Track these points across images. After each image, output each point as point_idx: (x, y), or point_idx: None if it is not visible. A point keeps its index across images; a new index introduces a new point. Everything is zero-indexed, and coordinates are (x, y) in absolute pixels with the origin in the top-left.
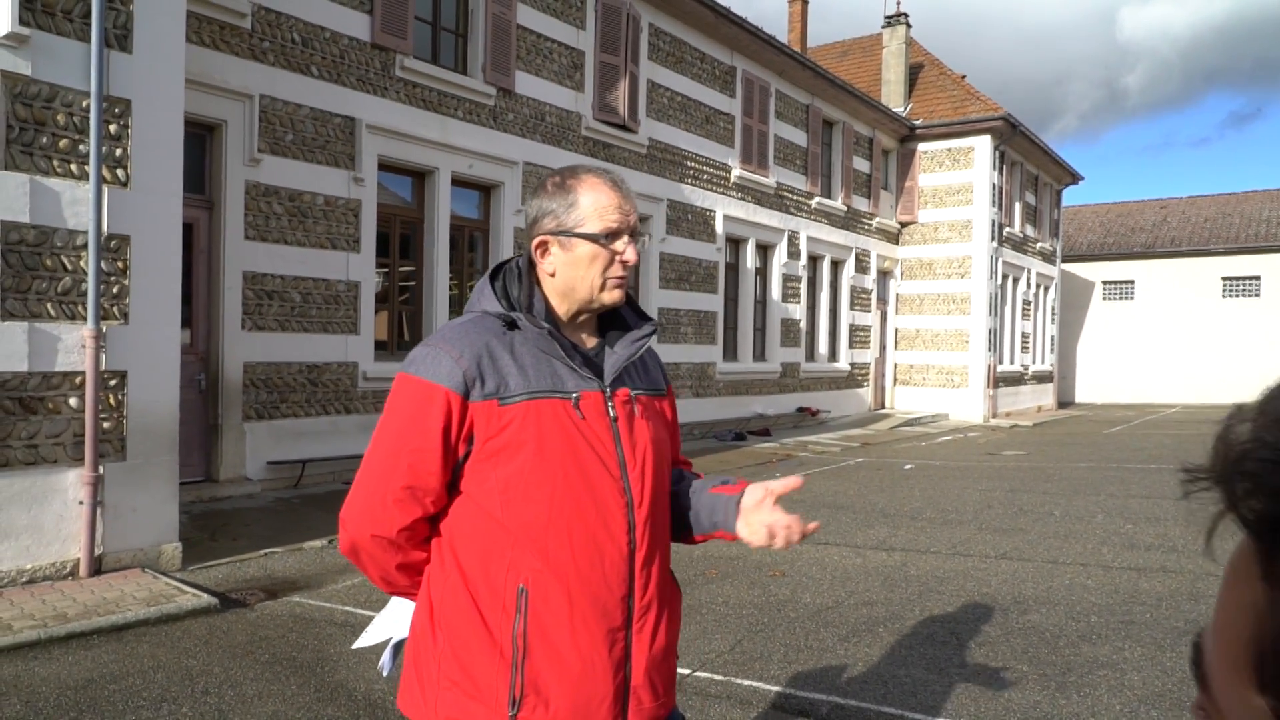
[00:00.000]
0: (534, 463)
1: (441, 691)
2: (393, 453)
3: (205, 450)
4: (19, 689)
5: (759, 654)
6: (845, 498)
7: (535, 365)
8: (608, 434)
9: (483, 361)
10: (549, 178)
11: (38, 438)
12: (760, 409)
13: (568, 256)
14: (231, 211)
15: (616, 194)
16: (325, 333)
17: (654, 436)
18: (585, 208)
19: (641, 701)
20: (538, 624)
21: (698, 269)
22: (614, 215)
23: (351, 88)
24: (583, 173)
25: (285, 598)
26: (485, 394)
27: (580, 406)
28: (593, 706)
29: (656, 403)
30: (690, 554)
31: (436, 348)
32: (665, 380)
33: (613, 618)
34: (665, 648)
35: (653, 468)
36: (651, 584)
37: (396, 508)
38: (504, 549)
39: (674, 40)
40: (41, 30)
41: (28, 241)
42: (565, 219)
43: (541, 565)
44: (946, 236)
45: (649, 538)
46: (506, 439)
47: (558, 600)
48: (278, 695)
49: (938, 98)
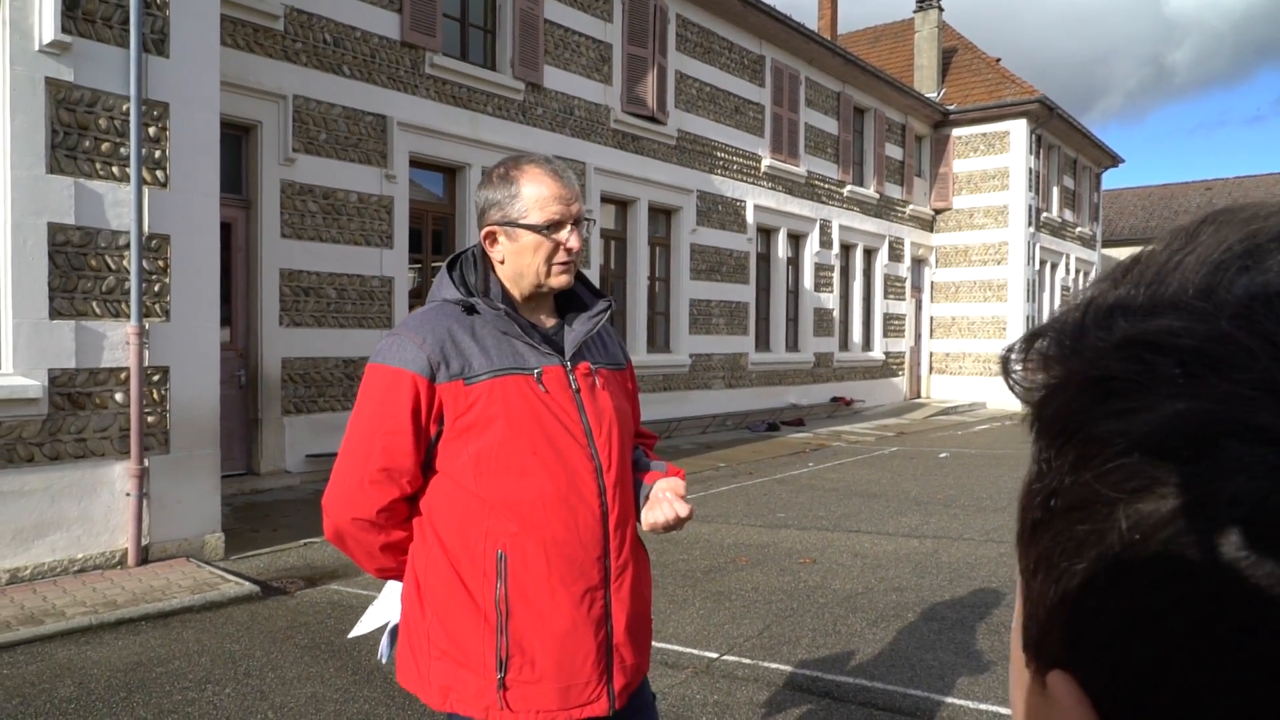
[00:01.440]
0: (503, 436)
1: (433, 662)
2: (367, 438)
3: (246, 444)
4: (72, 671)
5: (787, 638)
6: (878, 486)
7: (497, 345)
8: (571, 405)
9: (446, 345)
10: (494, 169)
11: (86, 432)
12: (794, 399)
13: (514, 246)
14: (268, 210)
15: (557, 184)
16: (361, 328)
17: (616, 406)
18: (528, 199)
19: (624, 659)
20: (518, 587)
21: (729, 260)
22: (555, 206)
23: (382, 86)
24: (525, 163)
25: (324, 585)
26: (451, 375)
27: (543, 380)
28: (577, 664)
29: (618, 376)
30: (721, 542)
31: (400, 336)
32: (625, 356)
33: (590, 577)
34: (643, 606)
35: (618, 434)
36: (626, 545)
37: (374, 489)
38: (480, 518)
39: (702, 30)
40: (82, 37)
41: (73, 242)
42: (509, 210)
43: (518, 529)
44: (982, 222)
45: (619, 500)
46: (475, 416)
47: (536, 563)
48: (316, 677)
49: (971, 82)
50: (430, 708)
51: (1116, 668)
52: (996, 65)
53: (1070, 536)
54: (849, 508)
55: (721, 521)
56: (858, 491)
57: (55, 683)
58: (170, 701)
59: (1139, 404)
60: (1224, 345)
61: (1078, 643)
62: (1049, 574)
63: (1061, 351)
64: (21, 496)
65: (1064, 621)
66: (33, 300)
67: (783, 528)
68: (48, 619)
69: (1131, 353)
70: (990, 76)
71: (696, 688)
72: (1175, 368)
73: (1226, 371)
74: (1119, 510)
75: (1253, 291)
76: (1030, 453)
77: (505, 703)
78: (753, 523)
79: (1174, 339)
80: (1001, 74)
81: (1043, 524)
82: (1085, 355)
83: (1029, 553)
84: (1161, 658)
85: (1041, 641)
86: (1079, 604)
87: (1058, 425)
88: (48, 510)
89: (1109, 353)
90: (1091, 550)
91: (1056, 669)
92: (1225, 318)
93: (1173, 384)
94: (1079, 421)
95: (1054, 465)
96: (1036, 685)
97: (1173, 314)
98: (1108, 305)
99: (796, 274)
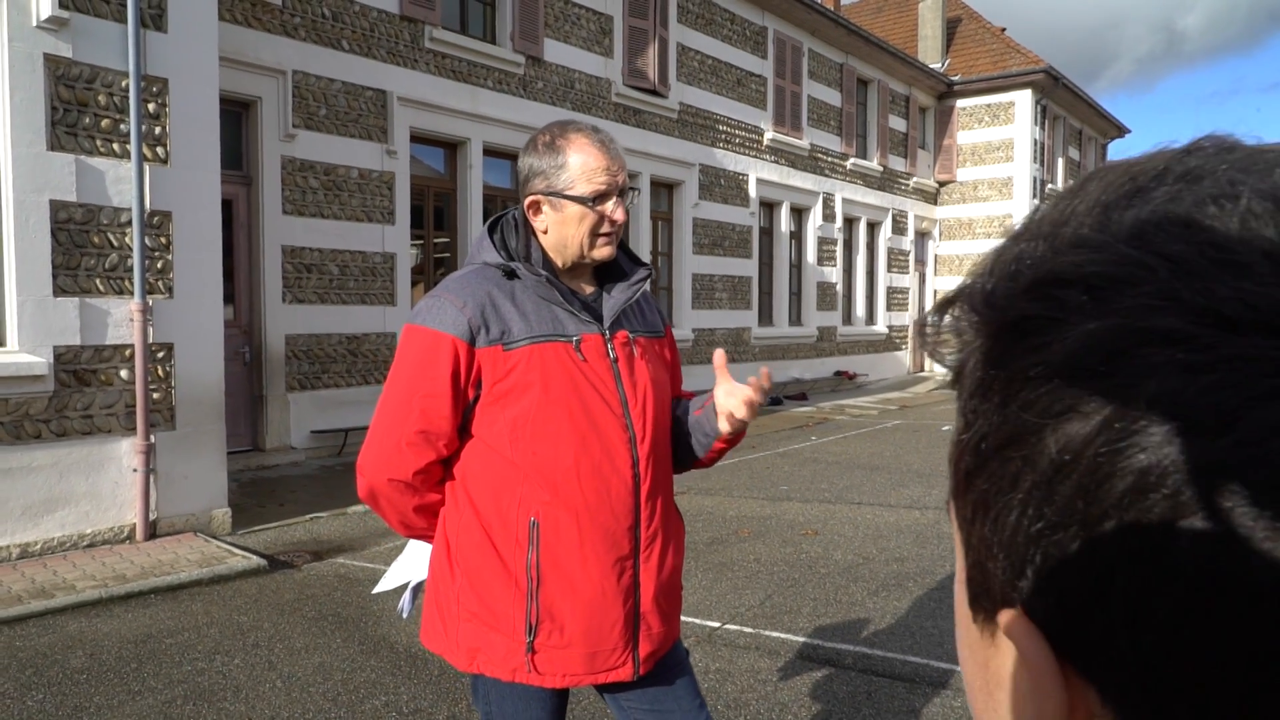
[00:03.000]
0: (540, 403)
1: (462, 624)
2: (405, 399)
3: (251, 420)
4: (83, 643)
5: (789, 608)
6: (881, 459)
7: (536, 311)
8: (608, 374)
9: (486, 309)
10: (539, 135)
11: (92, 408)
12: (797, 373)
13: (558, 216)
14: (269, 186)
15: (604, 155)
16: (363, 304)
17: (653, 376)
18: (574, 169)
19: (651, 627)
20: (549, 554)
21: (731, 234)
22: (602, 177)
23: (382, 60)
24: (572, 132)
25: (330, 559)
26: (490, 340)
27: (581, 349)
28: (604, 631)
29: (656, 344)
30: (724, 514)
31: (441, 298)
32: (664, 323)
33: (621, 547)
34: (672, 576)
35: (654, 405)
36: (657, 515)
37: (411, 451)
38: (514, 485)
39: (703, 2)
40: (80, 13)
41: (75, 220)
42: (555, 180)
43: (551, 498)
44: (986, 195)
45: (652, 471)
46: (513, 382)
47: (568, 531)
48: (323, 648)
49: (976, 52)
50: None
51: (1061, 591)
52: (1001, 35)
53: (1004, 474)
54: (851, 480)
55: (724, 494)
56: (860, 464)
57: (67, 654)
58: (180, 672)
59: (1053, 335)
60: (1123, 267)
61: (1021, 574)
62: (986, 514)
63: (974, 312)
64: (30, 473)
65: (1005, 556)
66: (36, 278)
67: (785, 500)
68: (58, 592)
69: (1040, 291)
70: (995, 46)
71: (699, 656)
72: (1083, 295)
73: (1129, 288)
74: (1047, 435)
75: (1143, 218)
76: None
77: (533, 666)
78: (755, 495)
79: (1078, 270)
80: (1007, 44)
81: (976, 470)
82: (996, 306)
83: (964, 503)
84: (1103, 569)
85: (987, 587)
86: (1017, 534)
87: (977, 375)
88: (56, 486)
89: (1019, 297)
90: (1026, 480)
91: (1003, 608)
92: (1121, 242)
93: (1082, 310)
94: (999, 365)
95: (980, 411)
96: (985, 638)
97: (1073, 251)
98: (1010, 260)
99: (799, 248)
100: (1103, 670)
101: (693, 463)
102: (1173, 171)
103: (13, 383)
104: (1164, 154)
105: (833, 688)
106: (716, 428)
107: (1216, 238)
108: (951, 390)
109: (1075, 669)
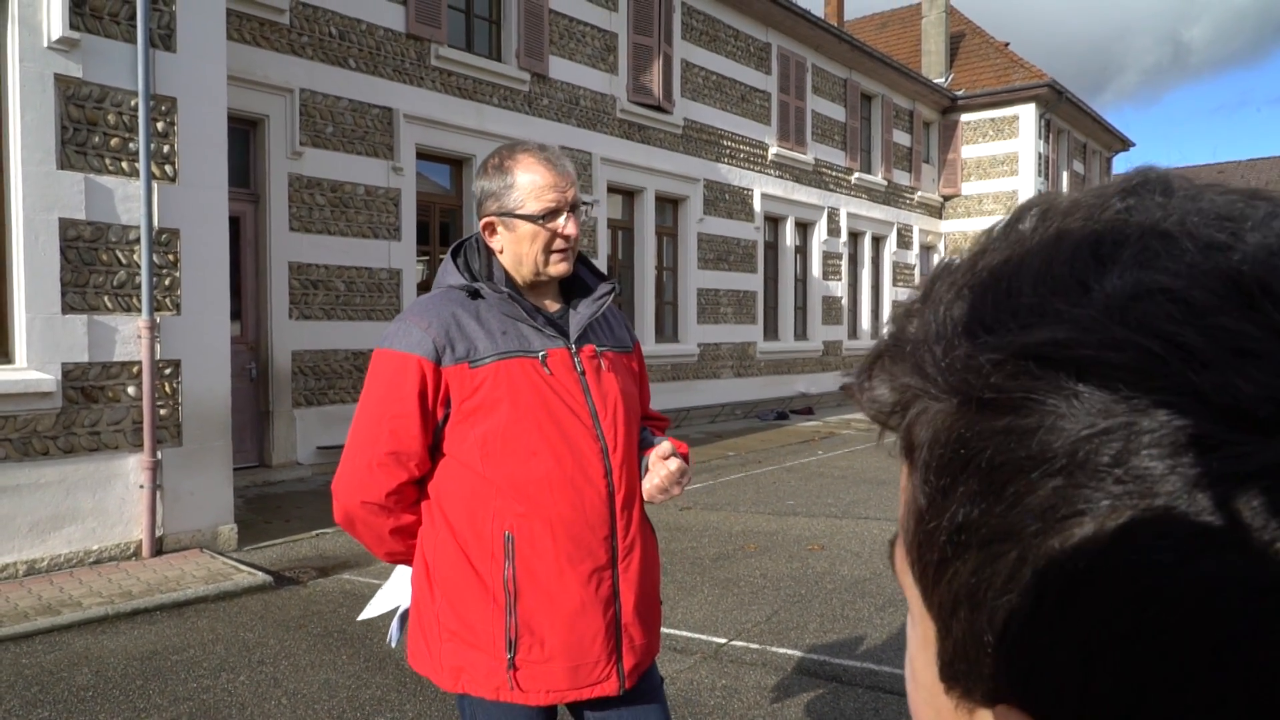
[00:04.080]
0: (509, 418)
1: (444, 643)
2: (375, 421)
3: (258, 436)
4: (89, 660)
5: (795, 624)
6: (887, 473)
7: (502, 329)
8: (576, 387)
9: (451, 330)
10: (489, 159)
11: (100, 425)
12: (803, 388)
13: (512, 235)
14: (276, 204)
15: (551, 172)
16: (369, 320)
17: (623, 388)
18: (523, 189)
19: (634, 639)
20: (526, 568)
21: (736, 249)
22: (550, 195)
23: (388, 78)
24: (519, 152)
25: (336, 575)
26: (456, 358)
27: (548, 363)
28: (586, 643)
29: (624, 358)
30: (730, 529)
31: (406, 321)
32: (632, 338)
33: (597, 557)
34: (651, 585)
35: (624, 416)
36: (633, 525)
37: (382, 472)
38: (488, 499)
39: (707, 19)
40: (90, 34)
41: (84, 238)
42: (505, 200)
43: (525, 510)
44: (991, 209)
45: (626, 481)
46: (481, 398)
47: (543, 543)
48: (329, 665)
49: (980, 67)
50: (442, 689)
51: (1082, 702)
52: (1005, 49)
53: (995, 571)
54: (858, 494)
55: (730, 509)
56: (867, 478)
57: (73, 671)
58: (185, 689)
59: (1041, 423)
60: (1122, 353)
61: (1029, 678)
62: (978, 611)
63: (921, 373)
64: (37, 489)
65: (1009, 658)
66: (45, 295)
67: (791, 515)
68: (65, 609)
69: (1018, 368)
70: (999, 61)
71: (705, 672)
72: (1074, 381)
73: (1135, 379)
74: (1052, 538)
75: (1125, 291)
76: (906, 479)
77: (516, 683)
78: (761, 510)
79: (1064, 351)
80: (1010, 58)
81: (953, 560)
82: (957, 374)
83: (937, 591)
84: (1133, 687)
85: (976, 678)
86: (1025, 638)
87: (943, 454)
88: (63, 502)
89: (988, 371)
90: (1027, 582)
91: (1004, 705)
92: (1115, 323)
93: (1076, 400)
94: (973, 448)
95: (951, 496)
96: (962, 711)
97: (1050, 326)
98: (960, 319)
99: (804, 262)
100: None
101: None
102: (1134, 225)
103: (21, 399)
104: (1109, 197)
105: (839, 704)
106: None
107: (1225, 322)
108: (896, 454)
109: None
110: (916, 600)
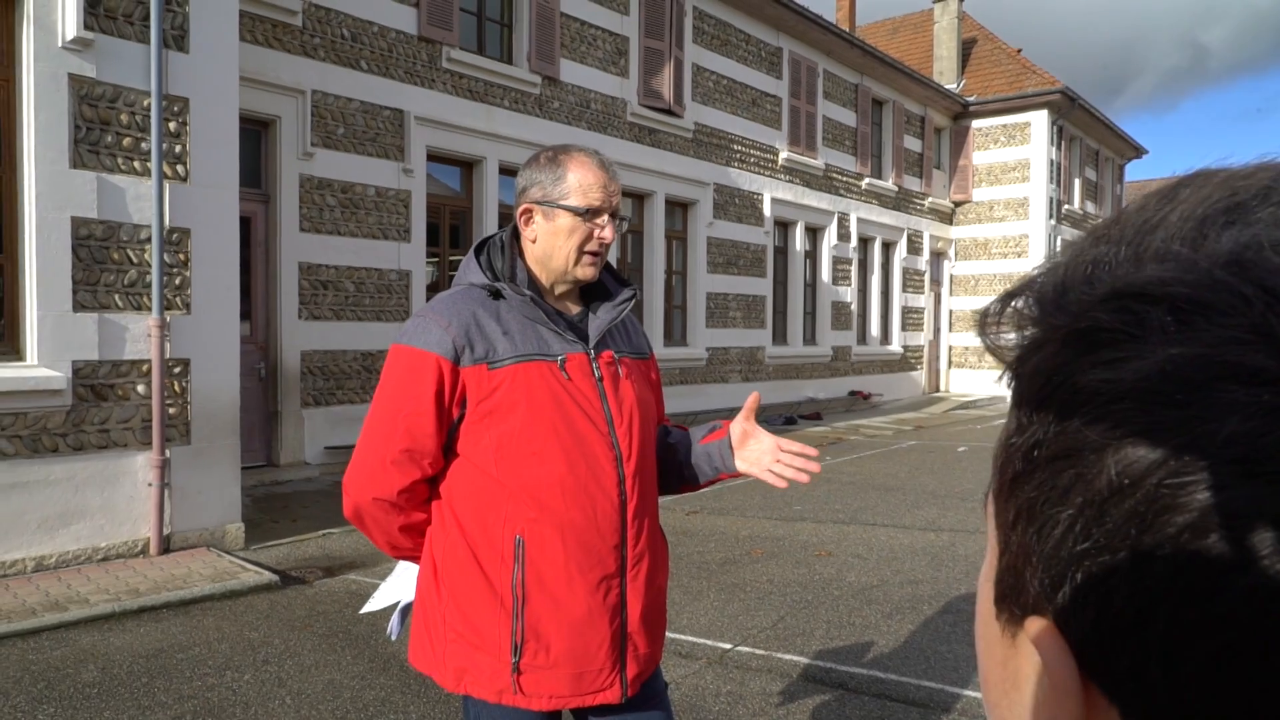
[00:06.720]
0: (525, 421)
1: (448, 644)
2: (390, 418)
3: (266, 436)
4: (95, 657)
5: (801, 630)
6: (895, 480)
7: (521, 331)
8: (594, 393)
9: (470, 329)
10: (542, 152)
11: (109, 423)
12: (811, 393)
13: (549, 226)
14: (287, 204)
15: (603, 174)
16: (379, 321)
17: (639, 396)
18: (572, 182)
19: (638, 647)
20: (535, 573)
21: (745, 253)
22: (597, 193)
23: (400, 80)
24: (575, 151)
25: (342, 575)
26: (475, 359)
27: (566, 368)
28: (590, 650)
29: (641, 365)
30: (736, 534)
31: (426, 318)
32: (649, 346)
33: (606, 565)
34: (658, 595)
35: (640, 424)
36: (644, 534)
37: (395, 470)
38: (500, 503)
39: (718, 23)
40: (104, 34)
41: (96, 236)
42: (551, 190)
43: (536, 515)
44: (1002, 215)
45: (639, 490)
46: (497, 400)
47: (553, 549)
48: (334, 665)
49: (992, 73)
50: (445, 689)
51: (1099, 613)
52: (1017, 56)
53: (1055, 485)
54: (865, 501)
55: (737, 514)
56: (875, 485)
57: (79, 668)
58: (191, 687)
59: (1129, 353)
60: (1216, 292)
61: (1058, 588)
62: (1031, 522)
63: (1042, 309)
64: (46, 486)
65: (1045, 568)
66: (57, 293)
67: (798, 520)
68: (72, 606)
69: (1120, 304)
70: (1011, 67)
71: (710, 678)
72: (1166, 315)
73: (1219, 317)
74: (1107, 456)
75: (1243, 241)
76: (1009, 409)
77: (519, 686)
78: (768, 515)
79: (1164, 288)
80: (1022, 64)
81: (1024, 475)
82: (1069, 310)
83: (1008, 506)
84: (1147, 600)
85: (1020, 591)
86: (1060, 548)
87: (1039, 380)
88: (72, 500)
89: (1095, 305)
90: (1078, 496)
91: (1034, 615)
92: (1217, 266)
93: (1164, 331)
94: (1063, 374)
95: (1036, 418)
96: (1007, 638)
97: (1160, 265)
98: (1088, 262)
99: (814, 267)
100: (1130, 695)
101: (683, 487)
102: (1277, 191)
103: (31, 396)
104: (1268, 169)
105: (845, 712)
106: (730, 464)
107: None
108: (1005, 385)
109: (1100, 688)
110: (993, 533)
